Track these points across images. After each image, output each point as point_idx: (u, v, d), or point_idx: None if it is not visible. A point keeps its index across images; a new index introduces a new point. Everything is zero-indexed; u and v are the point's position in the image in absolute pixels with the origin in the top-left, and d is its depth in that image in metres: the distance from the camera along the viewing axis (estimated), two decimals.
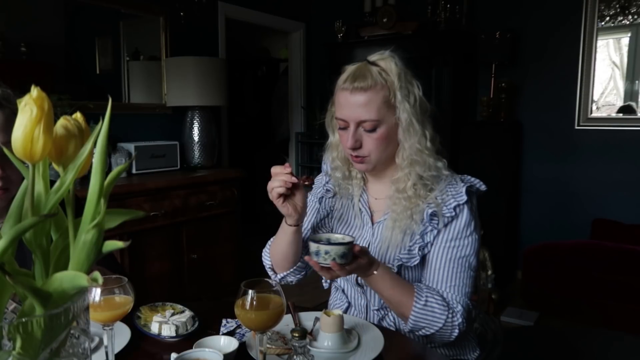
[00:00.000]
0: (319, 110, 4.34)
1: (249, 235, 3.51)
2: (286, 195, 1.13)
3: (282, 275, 1.30)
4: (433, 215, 1.16)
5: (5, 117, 1.07)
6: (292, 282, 1.32)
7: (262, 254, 1.36)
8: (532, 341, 2.74)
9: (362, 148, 1.17)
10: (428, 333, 1.12)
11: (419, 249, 1.16)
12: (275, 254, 1.28)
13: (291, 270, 1.29)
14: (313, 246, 1.03)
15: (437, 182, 1.17)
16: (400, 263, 1.18)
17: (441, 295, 1.13)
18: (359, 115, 1.14)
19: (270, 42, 5.36)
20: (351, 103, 1.14)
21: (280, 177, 1.11)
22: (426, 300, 1.10)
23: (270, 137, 5.22)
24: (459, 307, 1.12)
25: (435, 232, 1.16)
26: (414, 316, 1.10)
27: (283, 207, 1.15)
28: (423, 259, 1.18)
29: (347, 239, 1.06)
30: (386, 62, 1.16)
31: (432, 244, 1.17)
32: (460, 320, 1.11)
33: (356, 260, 1.04)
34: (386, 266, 1.14)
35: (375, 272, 1.09)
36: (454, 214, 1.16)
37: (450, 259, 1.16)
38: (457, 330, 1.11)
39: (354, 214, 1.29)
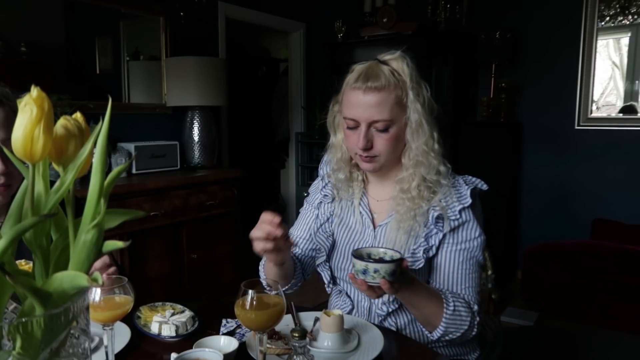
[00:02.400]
0: (319, 110, 4.35)
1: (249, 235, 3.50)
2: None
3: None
4: (438, 218, 1.16)
5: (5, 114, 1.07)
6: (290, 292, 1.32)
7: (259, 267, 1.33)
8: (532, 341, 2.74)
9: (372, 148, 1.16)
10: (454, 337, 1.12)
11: (424, 252, 1.16)
12: (268, 275, 1.25)
13: (287, 286, 1.29)
14: (360, 264, 0.96)
15: (440, 185, 1.17)
16: None
17: (463, 298, 1.15)
18: (372, 115, 1.13)
19: (270, 42, 5.36)
20: (363, 103, 1.13)
21: (265, 229, 1.01)
22: (454, 306, 1.10)
23: (270, 137, 5.21)
24: (476, 307, 1.15)
25: (440, 235, 1.16)
26: (445, 323, 1.09)
27: (266, 255, 1.10)
28: (427, 261, 1.18)
29: (394, 254, 1.01)
30: (398, 62, 1.15)
31: (437, 247, 1.17)
32: (478, 319, 1.14)
33: (403, 276, 0.99)
34: (419, 279, 1.12)
35: (412, 286, 1.06)
36: (459, 217, 1.16)
37: (461, 261, 1.17)
38: (475, 329, 1.13)
39: (354, 217, 1.27)
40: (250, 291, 0.87)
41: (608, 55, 3.52)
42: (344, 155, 1.26)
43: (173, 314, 1.13)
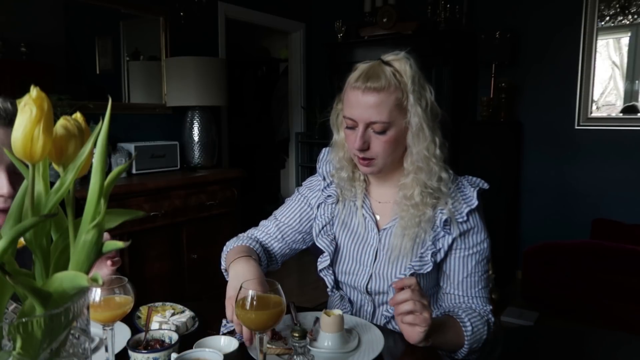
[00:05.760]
0: (319, 110, 4.35)
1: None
2: None
3: None
4: (446, 221, 1.15)
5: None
6: None
7: (223, 254, 1.26)
8: (532, 341, 2.73)
9: (369, 150, 1.13)
10: (479, 346, 1.14)
11: (432, 255, 1.15)
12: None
13: None
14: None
15: (441, 192, 1.15)
16: (412, 271, 1.15)
17: (475, 311, 1.16)
18: (369, 116, 1.10)
19: (270, 42, 5.36)
20: (362, 103, 1.10)
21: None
22: (472, 326, 1.11)
23: (270, 137, 5.22)
24: (488, 307, 1.18)
25: (449, 238, 1.15)
26: (468, 343, 1.11)
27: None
28: (435, 265, 1.17)
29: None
30: (401, 63, 1.12)
31: (445, 251, 1.16)
32: (493, 319, 1.17)
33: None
34: (435, 321, 1.05)
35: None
36: (466, 219, 1.15)
37: (474, 265, 1.18)
38: (491, 329, 1.16)
39: (357, 219, 1.24)
40: (250, 291, 0.87)
41: (608, 55, 3.52)
42: (347, 154, 1.23)
43: (173, 314, 1.13)
